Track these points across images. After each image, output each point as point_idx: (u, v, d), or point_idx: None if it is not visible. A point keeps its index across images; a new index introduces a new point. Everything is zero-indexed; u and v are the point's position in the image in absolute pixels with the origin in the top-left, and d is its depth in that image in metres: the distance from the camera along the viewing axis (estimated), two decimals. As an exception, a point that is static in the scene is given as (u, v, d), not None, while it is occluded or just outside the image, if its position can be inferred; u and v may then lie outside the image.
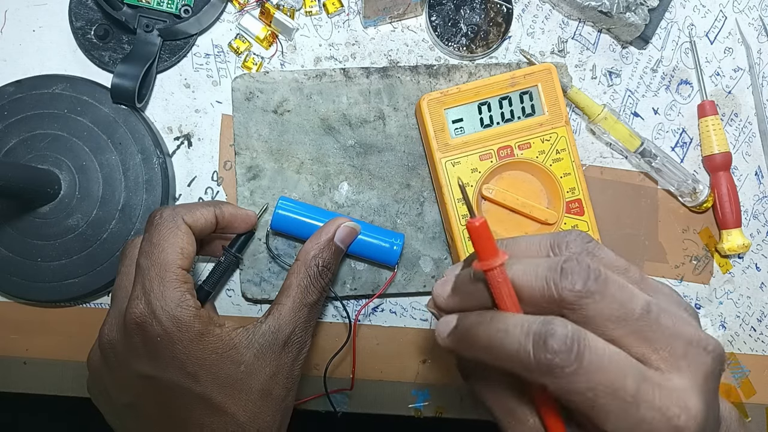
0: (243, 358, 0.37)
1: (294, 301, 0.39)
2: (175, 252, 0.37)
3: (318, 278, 0.40)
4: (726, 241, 0.51)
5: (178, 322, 0.36)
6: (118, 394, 0.39)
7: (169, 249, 0.37)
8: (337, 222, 0.43)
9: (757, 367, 0.54)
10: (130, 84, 0.46)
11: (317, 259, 0.41)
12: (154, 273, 0.37)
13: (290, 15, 0.50)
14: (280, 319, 0.38)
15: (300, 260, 0.41)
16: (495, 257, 0.27)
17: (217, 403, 0.36)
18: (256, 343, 0.37)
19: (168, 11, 0.48)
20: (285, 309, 0.39)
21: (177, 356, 0.36)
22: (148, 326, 0.36)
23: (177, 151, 0.51)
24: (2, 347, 0.51)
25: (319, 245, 0.41)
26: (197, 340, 0.36)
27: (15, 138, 0.47)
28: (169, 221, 0.38)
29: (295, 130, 0.49)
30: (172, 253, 0.37)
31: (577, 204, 0.46)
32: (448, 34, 0.50)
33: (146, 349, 0.36)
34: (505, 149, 0.46)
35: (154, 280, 0.36)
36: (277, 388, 0.38)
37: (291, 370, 0.39)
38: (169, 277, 0.37)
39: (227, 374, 0.37)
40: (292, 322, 0.39)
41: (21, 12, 0.51)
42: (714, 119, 0.51)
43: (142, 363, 0.37)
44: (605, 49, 0.52)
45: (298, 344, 0.39)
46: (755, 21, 0.53)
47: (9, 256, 0.47)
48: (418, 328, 0.52)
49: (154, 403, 0.37)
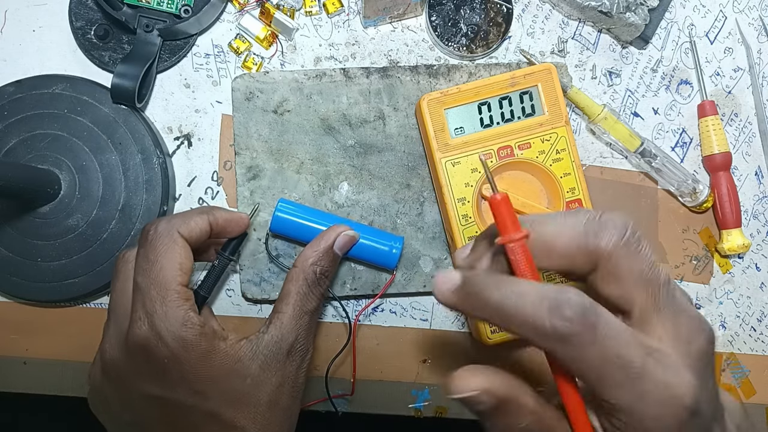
0: (249, 371, 0.37)
1: (294, 309, 0.39)
2: (174, 269, 0.36)
3: (316, 285, 0.40)
4: (726, 241, 0.52)
5: (183, 343, 0.35)
6: (121, 412, 0.38)
7: (167, 266, 0.36)
8: (337, 230, 0.43)
9: (757, 367, 0.54)
10: (130, 84, 0.46)
11: (315, 266, 0.40)
12: (154, 293, 0.36)
13: (290, 15, 0.50)
14: (282, 328, 0.38)
15: (298, 267, 0.41)
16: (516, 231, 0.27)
17: (227, 419, 0.36)
18: (261, 354, 0.37)
19: (168, 11, 0.48)
20: (286, 318, 0.39)
21: (185, 376, 0.36)
22: (154, 348, 0.35)
23: (177, 151, 0.51)
24: (2, 347, 0.51)
25: (318, 252, 0.41)
26: (204, 358, 0.36)
27: (15, 138, 0.47)
28: (164, 236, 0.37)
29: (295, 130, 0.49)
30: (171, 270, 0.36)
31: (577, 204, 0.46)
32: (448, 34, 0.50)
33: (152, 369, 0.36)
34: (505, 149, 0.46)
35: (156, 301, 0.35)
36: (284, 397, 0.38)
37: (296, 379, 0.39)
38: (170, 297, 0.36)
39: (235, 389, 0.36)
40: (294, 330, 0.38)
41: (21, 12, 0.51)
42: (714, 119, 0.51)
43: (148, 383, 0.36)
44: (605, 49, 0.52)
45: (301, 352, 0.39)
46: (755, 21, 0.53)
47: (9, 256, 0.47)
48: (418, 328, 0.52)
49: (161, 422, 0.37)
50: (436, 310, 0.52)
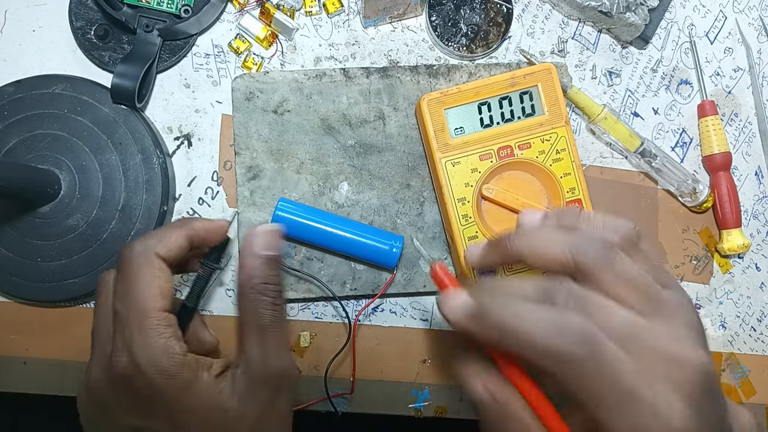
0: (229, 403, 0.35)
1: (253, 333, 0.36)
2: (153, 294, 0.34)
3: (260, 298, 0.36)
4: (726, 241, 0.52)
5: (164, 374, 0.33)
6: None
7: (145, 291, 0.34)
8: (250, 234, 0.37)
9: (757, 367, 0.54)
10: (130, 84, 0.46)
11: (249, 280, 0.36)
12: (132, 321, 0.34)
13: (290, 15, 0.50)
14: (248, 360, 0.35)
15: (239, 293, 0.36)
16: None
17: None
18: (237, 387, 0.35)
19: (168, 11, 0.48)
20: (249, 347, 0.35)
21: (166, 408, 0.34)
22: (134, 379, 0.34)
23: (177, 151, 0.51)
24: (2, 347, 0.51)
25: (245, 268, 0.36)
26: (185, 389, 0.34)
27: (15, 138, 0.47)
28: (140, 258, 0.35)
29: (295, 130, 0.49)
30: (150, 296, 0.34)
31: (577, 204, 0.46)
32: (448, 34, 0.50)
33: (134, 400, 0.34)
34: (505, 149, 0.46)
35: (134, 330, 0.34)
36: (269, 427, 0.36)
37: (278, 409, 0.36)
38: (149, 324, 0.34)
39: (217, 422, 0.35)
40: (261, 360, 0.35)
41: (21, 12, 0.51)
42: (714, 119, 0.51)
43: (130, 415, 0.35)
44: (605, 49, 0.52)
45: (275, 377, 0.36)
46: (755, 21, 0.53)
47: (9, 256, 0.47)
48: (418, 328, 0.52)
49: None
50: (436, 310, 0.52)
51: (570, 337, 0.27)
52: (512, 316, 0.28)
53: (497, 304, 0.29)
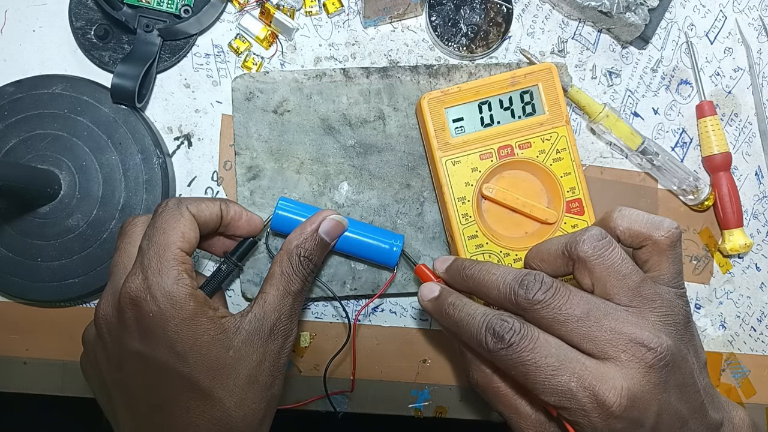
0: (232, 343, 0.37)
1: (278, 290, 0.39)
2: (177, 234, 0.38)
3: (300, 267, 0.40)
4: (728, 241, 0.52)
5: (172, 300, 0.36)
6: (108, 370, 0.39)
7: (170, 231, 0.38)
8: (322, 214, 0.43)
9: (757, 367, 0.54)
10: (130, 84, 0.46)
11: (299, 248, 0.41)
12: (153, 252, 0.37)
13: (290, 15, 0.50)
14: (265, 306, 0.39)
15: (283, 249, 0.41)
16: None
17: (204, 387, 0.36)
18: (244, 330, 0.38)
19: (168, 11, 0.48)
20: (270, 297, 0.39)
21: (168, 335, 0.36)
22: (142, 302, 0.36)
23: (177, 151, 0.51)
24: (2, 347, 0.51)
25: (302, 235, 0.41)
26: (190, 320, 0.36)
27: (15, 138, 0.47)
28: (173, 209, 0.39)
29: (295, 130, 0.49)
30: (173, 236, 0.38)
31: (577, 204, 0.46)
32: (448, 34, 0.50)
33: (138, 325, 0.37)
34: (506, 148, 0.46)
35: (153, 258, 0.37)
36: (264, 375, 0.38)
37: (277, 359, 0.39)
38: (167, 256, 0.37)
39: (216, 358, 0.37)
40: (277, 310, 0.39)
41: (21, 12, 0.51)
42: (713, 119, 0.51)
43: (133, 339, 0.37)
44: (605, 49, 0.52)
45: (283, 332, 0.39)
46: (755, 21, 0.53)
47: (9, 256, 0.47)
48: (418, 328, 0.52)
49: (142, 382, 0.37)
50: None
51: (496, 331, 0.34)
52: (458, 311, 0.37)
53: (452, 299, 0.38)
